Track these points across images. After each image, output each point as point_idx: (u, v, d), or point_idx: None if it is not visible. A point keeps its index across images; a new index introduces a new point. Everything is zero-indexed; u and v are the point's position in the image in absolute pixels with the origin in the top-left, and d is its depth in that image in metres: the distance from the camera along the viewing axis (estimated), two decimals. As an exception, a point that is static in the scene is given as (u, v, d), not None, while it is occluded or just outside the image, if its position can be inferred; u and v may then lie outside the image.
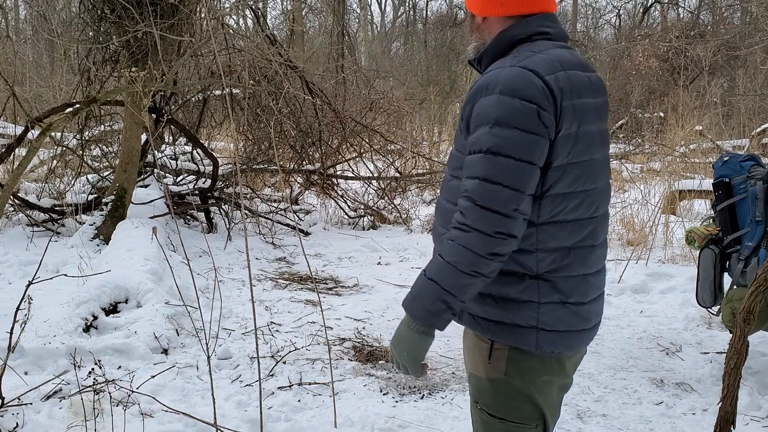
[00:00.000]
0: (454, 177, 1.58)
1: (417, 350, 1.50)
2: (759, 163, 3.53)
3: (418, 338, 1.49)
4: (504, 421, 1.58)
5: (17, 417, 2.77)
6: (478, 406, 1.61)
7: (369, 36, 25.29)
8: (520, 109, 1.41)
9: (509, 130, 1.40)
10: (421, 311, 1.47)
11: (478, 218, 1.40)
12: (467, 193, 1.43)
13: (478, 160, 1.43)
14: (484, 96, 1.46)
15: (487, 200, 1.40)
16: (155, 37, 5.31)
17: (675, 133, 10.35)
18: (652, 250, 5.89)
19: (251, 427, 2.81)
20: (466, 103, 1.51)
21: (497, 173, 1.40)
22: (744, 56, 15.17)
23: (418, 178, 8.66)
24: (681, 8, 24.67)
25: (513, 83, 1.42)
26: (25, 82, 10.75)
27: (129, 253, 4.76)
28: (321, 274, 5.64)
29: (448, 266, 1.43)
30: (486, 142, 1.42)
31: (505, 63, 1.50)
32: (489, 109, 1.43)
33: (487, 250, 1.40)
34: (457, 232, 1.43)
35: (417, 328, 1.48)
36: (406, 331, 1.51)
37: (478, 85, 1.49)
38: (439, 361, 3.66)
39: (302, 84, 7.42)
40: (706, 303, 3.68)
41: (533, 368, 1.56)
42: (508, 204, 1.40)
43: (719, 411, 2.59)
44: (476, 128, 1.45)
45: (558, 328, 1.53)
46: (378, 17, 34.61)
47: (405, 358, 1.51)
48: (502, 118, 1.41)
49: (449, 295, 1.44)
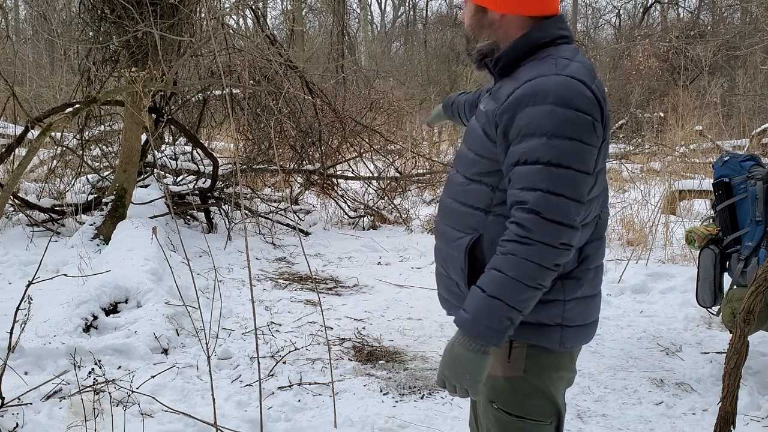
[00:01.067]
0: (472, 181, 1.57)
1: (480, 371, 1.46)
2: (759, 163, 3.52)
3: (479, 358, 1.44)
4: (522, 419, 1.58)
5: (17, 417, 2.77)
6: (495, 405, 1.59)
7: (369, 36, 25.29)
8: (576, 121, 1.41)
9: (567, 141, 1.40)
10: (485, 331, 1.42)
11: (542, 231, 1.39)
12: (529, 206, 1.40)
13: (537, 171, 1.40)
14: (532, 106, 1.43)
15: (553, 212, 1.39)
16: (155, 37, 5.31)
17: (675, 133, 10.36)
18: (652, 250, 5.89)
19: (251, 427, 2.81)
20: (503, 111, 1.47)
21: (559, 185, 1.40)
22: (744, 56, 15.17)
23: (418, 178, 8.66)
24: (681, 8, 24.69)
25: (565, 93, 1.41)
26: (25, 82, 10.75)
27: (129, 253, 4.76)
28: (321, 274, 5.64)
29: (512, 281, 1.40)
30: (545, 153, 1.40)
31: (546, 70, 1.46)
32: (542, 119, 1.41)
33: (552, 262, 1.40)
34: (517, 246, 1.40)
35: (477, 348, 1.44)
36: (464, 353, 1.45)
37: (521, 93, 1.45)
38: (439, 361, 3.66)
39: (302, 84, 7.42)
40: (706, 303, 3.68)
41: (551, 364, 1.58)
42: (571, 215, 1.40)
43: (719, 411, 2.59)
44: (525, 138, 1.43)
45: (578, 322, 1.57)
46: (378, 17, 34.63)
47: (467, 380, 1.46)
48: (559, 130, 1.40)
49: (514, 311, 1.41)
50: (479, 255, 1.54)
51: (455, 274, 1.61)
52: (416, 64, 19.87)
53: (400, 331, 4.19)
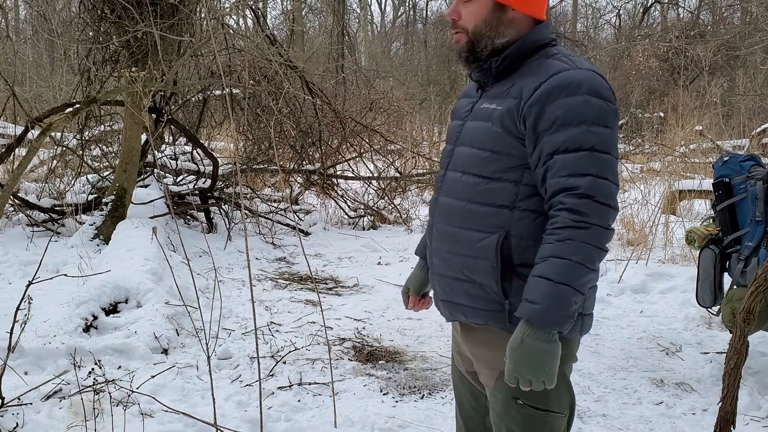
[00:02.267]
0: (491, 179, 1.57)
1: (556, 359, 1.46)
2: (759, 163, 3.52)
3: (554, 347, 1.45)
4: (547, 412, 1.59)
5: (17, 417, 2.77)
6: (519, 401, 1.58)
7: (369, 36, 25.30)
8: (607, 110, 1.49)
9: (603, 128, 1.48)
10: (559, 318, 1.44)
11: (597, 213, 1.45)
12: (582, 190, 1.44)
13: (582, 157, 1.46)
14: (565, 96, 1.48)
15: (604, 195, 1.46)
16: (155, 37, 5.31)
17: (675, 133, 10.36)
18: (652, 250, 5.89)
19: (251, 427, 2.81)
20: (532, 104, 1.50)
21: (605, 169, 1.47)
22: (744, 56, 15.17)
23: (418, 178, 8.66)
24: (681, 8, 24.69)
25: (594, 85, 1.50)
26: (25, 82, 10.75)
27: (129, 253, 4.76)
28: (321, 274, 5.64)
29: (576, 265, 1.44)
30: (588, 140, 1.46)
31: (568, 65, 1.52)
32: (580, 108, 1.47)
33: (605, 243, 1.47)
34: (574, 231, 1.44)
35: (550, 337, 1.45)
36: (538, 344, 1.45)
37: (550, 85, 1.49)
38: (439, 361, 3.66)
39: (302, 84, 7.41)
40: (706, 303, 3.68)
41: (568, 354, 1.60)
42: (615, 198, 1.48)
43: (719, 411, 2.59)
44: (562, 127, 1.47)
45: (591, 310, 1.63)
46: (378, 17, 34.63)
47: (546, 372, 1.46)
48: (597, 118, 1.47)
49: (579, 295, 1.46)
50: (507, 252, 1.55)
51: (482, 276, 1.58)
52: (416, 64, 19.88)
53: (400, 331, 4.19)
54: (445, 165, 1.70)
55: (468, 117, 1.67)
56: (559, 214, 1.46)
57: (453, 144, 1.69)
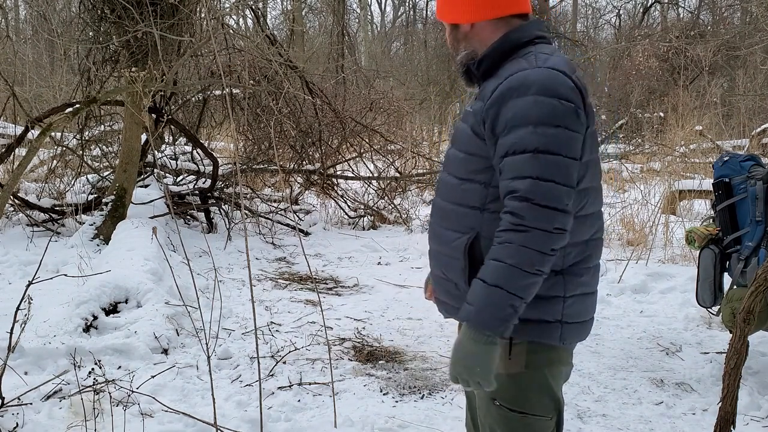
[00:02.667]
0: (466, 180, 1.58)
1: (489, 362, 1.46)
2: (759, 163, 3.52)
3: (488, 350, 1.45)
4: (525, 414, 1.59)
5: (17, 417, 2.77)
6: (497, 402, 1.60)
7: (369, 36, 25.30)
8: (561, 108, 1.45)
9: (553, 128, 1.44)
10: (491, 321, 1.44)
11: (536, 216, 1.42)
12: (520, 193, 1.43)
13: (526, 160, 1.44)
14: (516, 98, 1.46)
15: (544, 198, 1.42)
16: (155, 37, 5.31)
17: (675, 133, 10.35)
18: (652, 250, 5.89)
19: (251, 427, 2.81)
20: (489, 105, 1.51)
21: (549, 171, 1.43)
22: (744, 56, 15.17)
23: (418, 178, 8.66)
24: (681, 8, 24.69)
25: (548, 83, 1.45)
26: (25, 82, 10.75)
27: (129, 253, 4.76)
28: (321, 274, 5.64)
29: (511, 269, 1.42)
30: (532, 141, 1.43)
31: (527, 65, 1.50)
32: (527, 110, 1.45)
33: (548, 247, 1.43)
34: (512, 234, 1.42)
35: (485, 339, 1.45)
36: (473, 346, 1.46)
37: (505, 87, 1.48)
38: (439, 361, 3.66)
39: (302, 84, 7.42)
40: (706, 303, 3.68)
41: (551, 359, 1.59)
42: (563, 199, 1.43)
43: (719, 411, 2.59)
44: (512, 129, 1.46)
45: (578, 319, 1.59)
46: (378, 17, 34.64)
47: (479, 374, 1.47)
48: (545, 118, 1.44)
49: (516, 299, 1.43)
50: (478, 253, 1.55)
51: (455, 275, 1.61)
52: (416, 64, 19.88)
53: (400, 331, 4.19)
54: (443, 165, 1.75)
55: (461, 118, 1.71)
56: (503, 217, 1.46)
57: (449, 145, 1.73)
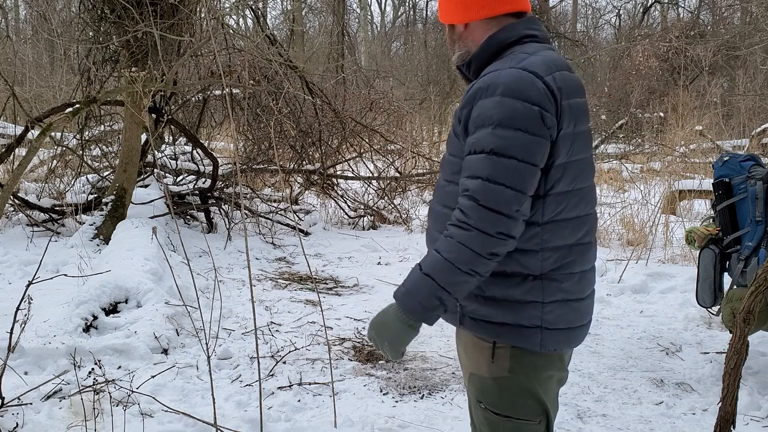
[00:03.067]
0: (450, 182, 1.58)
1: (400, 342, 1.51)
2: (759, 163, 3.52)
3: (404, 330, 1.50)
4: (510, 418, 1.58)
5: (17, 417, 2.77)
6: (482, 405, 1.60)
7: (369, 36, 25.29)
8: (523, 111, 1.42)
9: (512, 131, 1.41)
10: (415, 305, 1.47)
11: (480, 218, 1.40)
12: (469, 192, 1.42)
13: (480, 160, 1.43)
14: (484, 98, 1.46)
15: (490, 200, 1.40)
16: (155, 37, 5.30)
17: (675, 133, 10.35)
18: (652, 250, 5.89)
19: (251, 427, 2.81)
20: (463, 105, 1.51)
21: (501, 174, 1.41)
22: (744, 56, 15.16)
23: (418, 178, 8.66)
24: (681, 8, 24.70)
25: (514, 85, 1.43)
26: (25, 82, 10.76)
27: (129, 253, 4.75)
28: (321, 274, 5.64)
29: (446, 263, 1.43)
30: (489, 142, 1.42)
31: (503, 65, 1.50)
32: (490, 110, 1.43)
33: (487, 250, 1.41)
34: (456, 230, 1.43)
35: (406, 320, 1.49)
36: (393, 321, 1.51)
37: (476, 87, 1.49)
38: (439, 361, 3.66)
39: (302, 84, 7.41)
40: (706, 303, 3.68)
41: (536, 364, 1.57)
42: (511, 205, 1.40)
43: (719, 411, 2.59)
44: (476, 129, 1.46)
45: (560, 326, 1.55)
46: (378, 17, 34.66)
47: (387, 347, 1.53)
48: (505, 120, 1.42)
49: (444, 292, 1.44)
50: None
51: None
52: (416, 64, 19.87)
53: (400, 331, 4.18)
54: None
55: None
56: (454, 212, 1.47)
57: None
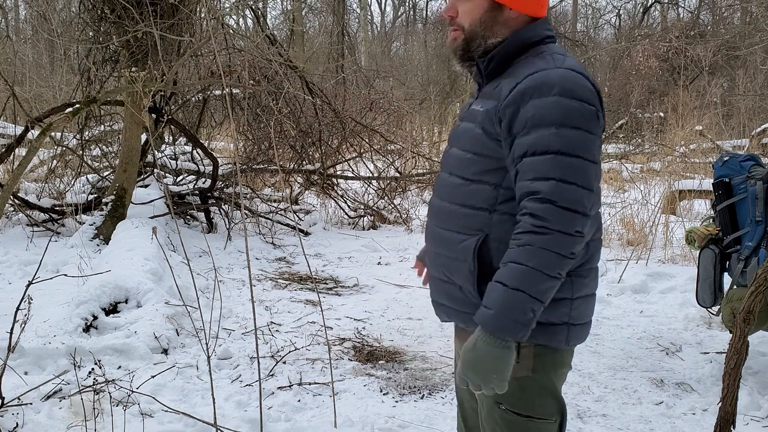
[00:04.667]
0: (473, 181, 1.56)
1: (506, 367, 1.44)
2: (759, 163, 3.52)
3: (505, 354, 1.43)
4: (531, 418, 1.57)
5: (17, 417, 2.77)
6: (502, 407, 1.58)
7: (369, 36, 25.29)
8: (581, 111, 1.44)
9: (574, 131, 1.43)
10: (510, 325, 1.41)
11: (559, 219, 1.40)
12: (542, 195, 1.41)
13: (548, 161, 1.42)
14: (537, 98, 1.45)
15: (566, 200, 1.41)
16: (155, 37, 5.30)
17: (675, 133, 10.35)
18: (652, 250, 5.89)
19: (251, 427, 2.81)
20: (507, 105, 1.48)
21: (570, 173, 1.42)
22: (744, 56, 15.17)
23: (418, 178, 8.66)
24: (681, 8, 24.70)
25: (569, 85, 1.45)
26: (25, 82, 10.76)
27: (129, 253, 4.75)
28: (321, 274, 5.64)
29: (533, 272, 1.40)
30: (554, 143, 1.42)
31: (545, 65, 1.49)
32: (549, 110, 1.43)
33: (569, 250, 1.41)
34: (534, 237, 1.40)
35: (501, 344, 1.42)
36: (490, 350, 1.42)
37: (524, 86, 1.47)
38: (439, 361, 3.66)
39: (302, 84, 7.41)
40: (706, 303, 3.68)
41: (556, 362, 1.59)
42: (583, 202, 1.43)
43: (719, 411, 2.59)
44: (532, 129, 1.44)
45: (581, 320, 1.58)
46: (378, 17, 34.65)
47: (495, 380, 1.44)
48: (566, 120, 1.43)
49: (537, 302, 1.41)
50: (486, 255, 1.53)
51: (460, 278, 1.58)
52: (416, 64, 19.88)
53: (400, 331, 4.19)
54: (442, 165, 1.72)
55: (465, 118, 1.68)
56: (522, 218, 1.44)
57: (450, 145, 1.70)
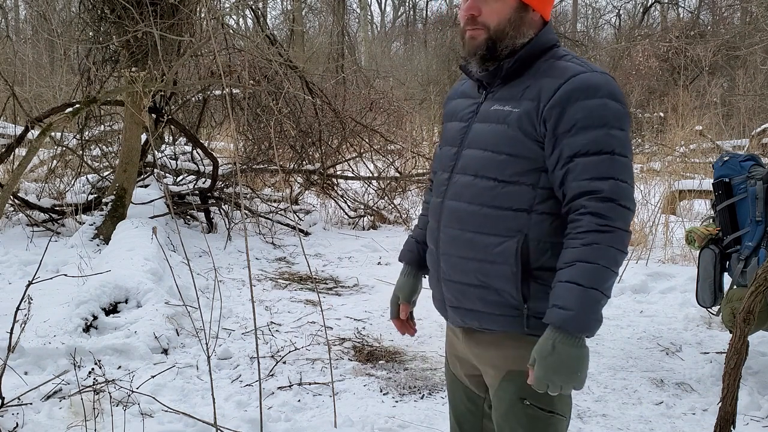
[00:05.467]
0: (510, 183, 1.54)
1: (587, 363, 1.48)
2: (759, 163, 3.52)
3: (584, 352, 1.46)
4: (553, 414, 1.58)
5: (17, 417, 2.77)
6: (527, 402, 1.58)
7: (369, 36, 25.28)
8: (623, 112, 1.52)
9: (622, 132, 1.50)
10: (590, 323, 1.44)
11: (620, 217, 1.46)
12: (604, 194, 1.46)
13: (604, 161, 1.47)
14: (584, 100, 1.49)
15: (625, 199, 1.48)
16: (155, 37, 5.31)
17: (675, 133, 10.34)
18: (652, 250, 5.89)
19: (251, 427, 2.81)
20: (552, 106, 1.50)
21: (625, 172, 1.49)
22: (744, 56, 15.17)
23: (418, 178, 8.66)
24: (681, 8, 24.70)
25: (610, 87, 1.51)
26: (25, 82, 10.76)
27: (129, 253, 4.75)
28: (321, 274, 5.64)
29: (603, 269, 1.44)
30: (610, 143, 1.48)
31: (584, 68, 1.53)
32: (600, 112, 1.49)
33: (626, 246, 1.49)
34: (599, 235, 1.44)
35: (579, 343, 1.45)
36: (571, 351, 1.44)
37: (569, 88, 1.50)
38: (439, 361, 3.66)
39: (302, 84, 7.41)
40: (706, 303, 3.68)
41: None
42: (633, 200, 1.50)
43: (719, 411, 2.59)
44: (582, 130, 1.48)
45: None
46: (378, 17, 34.64)
47: (578, 378, 1.46)
48: (615, 121, 1.49)
49: (605, 298, 1.46)
50: (525, 256, 1.53)
51: (499, 281, 1.55)
52: (416, 64, 19.90)
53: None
54: (449, 168, 1.65)
55: (473, 119, 1.64)
56: (582, 218, 1.46)
57: (458, 146, 1.64)
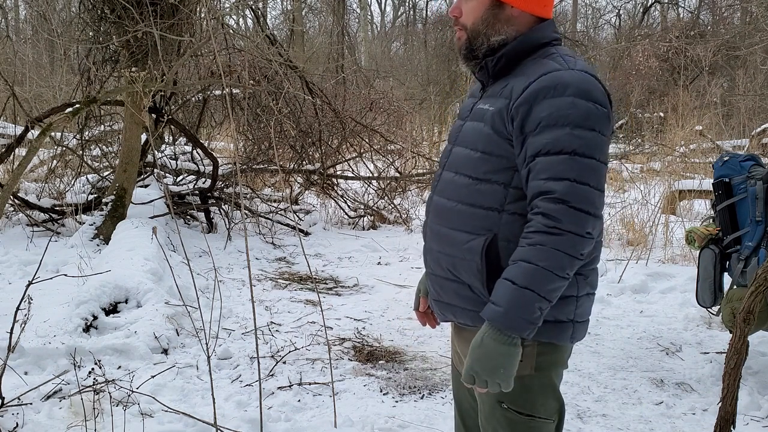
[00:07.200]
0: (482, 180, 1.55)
1: (513, 363, 1.45)
2: (759, 163, 3.52)
3: (512, 351, 1.44)
4: (532, 417, 1.58)
5: (17, 417, 2.77)
6: (504, 405, 1.58)
7: (369, 36, 25.28)
8: (595, 112, 1.45)
9: (589, 132, 1.44)
10: (518, 322, 1.42)
11: (572, 220, 1.41)
12: (557, 195, 1.41)
13: (563, 161, 1.43)
14: (552, 98, 1.45)
15: (580, 201, 1.41)
16: (155, 37, 5.30)
17: (675, 133, 10.36)
18: (652, 250, 5.89)
19: (251, 427, 2.81)
20: (519, 104, 1.48)
21: (585, 174, 1.43)
22: (744, 56, 15.17)
23: (418, 178, 8.66)
24: (681, 8, 24.69)
25: (584, 86, 1.46)
26: (25, 82, 10.76)
27: (129, 253, 4.75)
28: (321, 274, 5.64)
29: (543, 272, 1.41)
30: (569, 143, 1.43)
31: (559, 65, 1.49)
32: (565, 110, 1.44)
33: (579, 251, 1.42)
34: (546, 237, 1.41)
35: (509, 341, 1.44)
36: (496, 347, 1.44)
37: (538, 86, 1.47)
38: (439, 361, 3.66)
39: (302, 84, 7.41)
40: (706, 303, 3.68)
41: (557, 360, 1.60)
42: (595, 204, 1.44)
43: (719, 411, 2.59)
44: (546, 129, 1.44)
45: (584, 318, 1.60)
46: (378, 17, 34.63)
47: (500, 374, 1.45)
48: (582, 120, 1.44)
49: (544, 301, 1.42)
50: (494, 255, 1.53)
51: (469, 277, 1.57)
52: (416, 64, 19.90)
53: (400, 331, 4.19)
54: (443, 164, 1.70)
55: (468, 117, 1.67)
56: (534, 218, 1.44)
57: (452, 143, 1.69)
